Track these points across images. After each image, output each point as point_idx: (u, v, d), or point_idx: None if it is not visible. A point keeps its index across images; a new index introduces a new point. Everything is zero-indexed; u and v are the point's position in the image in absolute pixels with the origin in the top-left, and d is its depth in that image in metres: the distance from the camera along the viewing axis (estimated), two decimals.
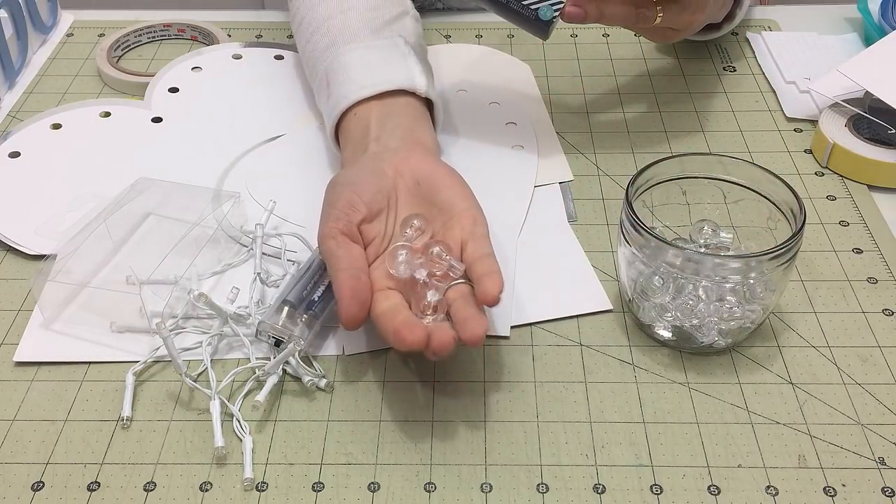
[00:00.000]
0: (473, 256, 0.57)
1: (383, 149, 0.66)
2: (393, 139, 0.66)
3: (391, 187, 0.63)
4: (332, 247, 0.58)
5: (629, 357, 0.61)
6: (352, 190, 0.61)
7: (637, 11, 0.70)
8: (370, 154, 0.66)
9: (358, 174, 0.63)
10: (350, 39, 0.72)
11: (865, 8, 0.90)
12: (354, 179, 0.63)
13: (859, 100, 0.78)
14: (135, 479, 0.54)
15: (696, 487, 0.53)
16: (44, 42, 0.94)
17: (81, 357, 0.61)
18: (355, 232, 0.60)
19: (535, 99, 0.84)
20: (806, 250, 0.68)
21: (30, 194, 0.73)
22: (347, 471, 0.54)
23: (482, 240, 0.59)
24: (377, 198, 0.62)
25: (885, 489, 0.53)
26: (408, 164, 0.64)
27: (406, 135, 0.67)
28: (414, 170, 0.63)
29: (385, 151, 0.65)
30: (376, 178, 0.63)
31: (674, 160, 0.62)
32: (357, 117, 0.69)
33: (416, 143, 0.67)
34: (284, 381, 0.59)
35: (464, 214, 0.60)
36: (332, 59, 0.72)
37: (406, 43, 0.73)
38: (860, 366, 0.60)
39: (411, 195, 0.63)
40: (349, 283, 0.56)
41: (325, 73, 0.73)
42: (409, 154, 0.65)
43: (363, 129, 0.68)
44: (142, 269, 0.63)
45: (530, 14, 0.68)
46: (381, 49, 0.72)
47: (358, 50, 0.72)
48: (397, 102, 0.69)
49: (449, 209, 0.61)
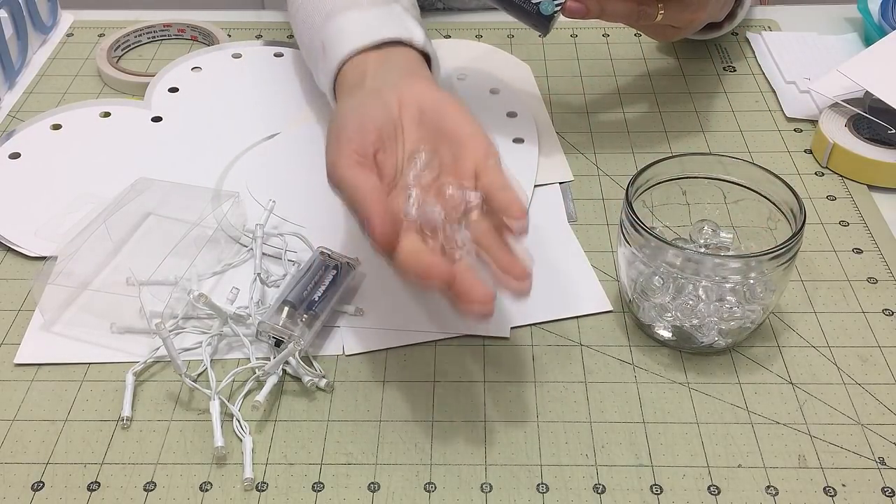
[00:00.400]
0: (490, 189, 0.55)
1: (382, 84, 0.63)
2: (391, 76, 0.64)
3: (397, 117, 0.60)
4: (349, 174, 0.55)
5: (629, 357, 0.61)
6: (359, 118, 0.58)
7: (639, 8, 0.69)
8: (369, 88, 0.63)
9: (361, 104, 0.61)
10: (345, 9, 0.70)
11: (865, 8, 0.90)
12: (359, 109, 0.60)
13: (859, 100, 0.78)
14: (135, 479, 0.54)
15: (696, 487, 0.53)
16: (44, 42, 0.94)
17: (82, 358, 0.61)
18: (370, 160, 0.57)
19: (535, 99, 0.84)
20: (806, 250, 0.68)
21: (30, 195, 0.73)
22: (347, 471, 0.54)
23: (495, 169, 0.56)
24: (386, 126, 0.59)
25: (885, 489, 0.53)
26: (411, 92, 0.61)
27: (404, 73, 0.65)
28: (418, 98, 0.61)
29: (384, 85, 0.63)
30: (380, 107, 0.60)
31: (674, 160, 0.62)
32: (354, 66, 0.67)
33: (415, 76, 0.64)
34: (284, 381, 0.59)
35: (474, 143, 0.58)
36: (327, 28, 0.70)
37: (403, 8, 0.71)
38: (860, 366, 0.60)
39: (417, 124, 0.60)
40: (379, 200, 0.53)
41: (321, 42, 0.71)
42: (410, 85, 0.62)
43: (360, 74, 0.66)
44: (142, 269, 0.63)
45: (531, 8, 0.68)
46: (378, 11, 0.70)
47: (353, 14, 0.70)
48: (394, 51, 0.67)
49: (457, 137, 0.58)
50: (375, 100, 0.60)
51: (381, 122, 0.58)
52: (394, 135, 0.59)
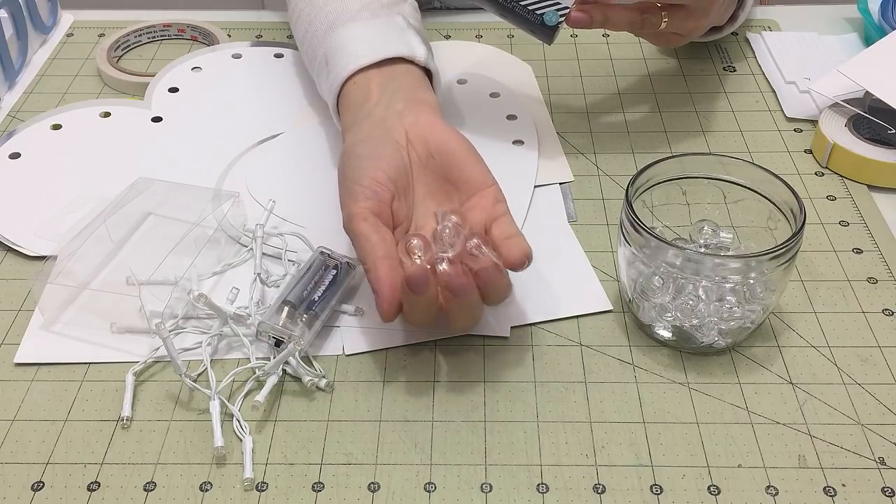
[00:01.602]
0: (500, 236, 0.57)
1: (387, 111, 0.64)
2: (396, 101, 0.65)
3: (408, 163, 0.61)
4: (365, 230, 0.56)
5: (629, 357, 0.61)
6: (375, 165, 0.59)
7: (642, 17, 0.70)
8: (375, 119, 0.64)
9: (374, 147, 0.61)
10: (348, 21, 0.71)
11: (865, 8, 0.90)
12: (373, 153, 0.61)
13: (859, 100, 0.78)
14: (135, 479, 0.54)
15: (696, 487, 0.53)
16: (44, 42, 0.94)
17: (82, 358, 0.61)
18: (387, 213, 0.57)
19: (535, 99, 0.84)
20: (806, 250, 0.68)
21: (30, 195, 0.73)
22: (347, 471, 0.54)
23: (505, 216, 0.58)
24: (401, 175, 0.60)
25: (885, 489, 0.53)
26: (417, 130, 0.62)
27: (409, 96, 0.66)
28: (425, 138, 0.62)
29: (389, 114, 0.64)
30: (393, 150, 0.61)
31: (674, 160, 0.62)
32: (357, 86, 0.68)
33: (420, 103, 0.65)
34: (284, 381, 0.59)
35: (483, 193, 0.59)
36: (330, 40, 0.71)
37: (405, 21, 0.72)
38: (860, 366, 0.60)
39: (426, 170, 0.61)
40: (391, 274, 0.54)
41: (324, 55, 0.72)
42: (416, 117, 0.63)
43: (364, 94, 0.67)
44: (142, 269, 0.63)
45: (535, 19, 0.68)
46: (380, 25, 0.71)
47: (357, 28, 0.71)
48: (397, 69, 0.68)
49: (466, 186, 0.60)
50: (388, 142, 0.62)
51: (396, 171, 0.60)
52: (407, 183, 0.61)
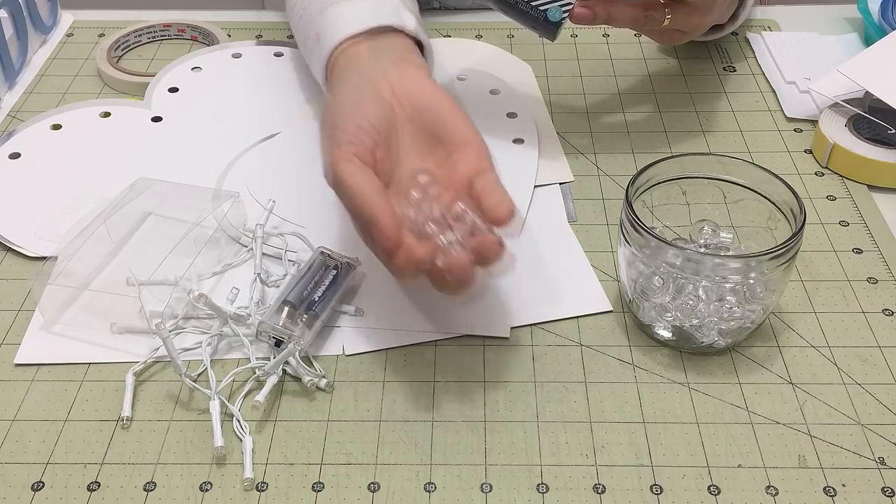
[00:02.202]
0: (483, 192, 0.55)
1: (372, 68, 0.63)
2: (383, 61, 0.64)
3: (392, 114, 0.60)
4: (351, 171, 0.54)
5: (629, 357, 0.61)
6: (358, 112, 0.58)
7: (646, 14, 0.70)
8: (361, 75, 0.63)
9: (359, 98, 0.60)
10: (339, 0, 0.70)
11: (865, 8, 0.90)
12: (357, 102, 0.59)
13: (859, 100, 0.78)
14: (135, 479, 0.54)
15: (696, 487, 0.53)
16: (44, 42, 0.94)
17: (82, 358, 0.61)
18: (370, 159, 0.56)
19: (535, 99, 0.84)
20: (806, 250, 0.68)
21: (30, 195, 0.73)
22: (347, 471, 0.54)
23: (489, 173, 0.56)
24: (384, 125, 0.58)
25: (885, 489, 0.53)
26: (403, 86, 0.61)
27: (397, 57, 0.64)
28: (411, 93, 0.60)
29: (375, 70, 0.62)
30: (378, 102, 0.60)
31: (674, 160, 0.62)
32: (346, 54, 0.66)
33: (407, 62, 0.64)
34: (284, 381, 0.59)
35: (469, 149, 0.58)
36: (322, 19, 0.70)
37: None
38: (860, 366, 0.60)
39: (412, 125, 0.60)
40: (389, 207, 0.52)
41: (315, 33, 0.70)
42: (402, 73, 0.62)
43: (352, 60, 0.65)
44: (142, 269, 0.63)
45: (539, 15, 0.68)
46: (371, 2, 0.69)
47: (348, 5, 0.69)
48: (386, 38, 0.67)
49: (450, 141, 0.58)
50: (372, 93, 0.60)
51: (379, 120, 0.58)
52: (390, 133, 0.59)
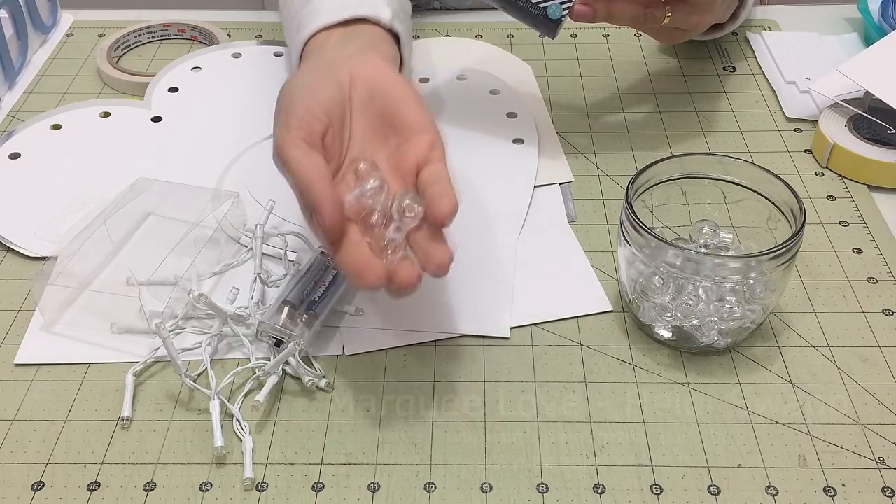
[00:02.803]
0: (428, 180, 0.55)
1: (335, 54, 0.62)
2: (348, 47, 0.63)
3: (347, 98, 0.59)
4: (297, 155, 0.54)
5: (629, 357, 0.61)
6: (310, 96, 0.57)
7: (645, 12, 0.69)
8: (322, 59, 0.62)
9: (314, 79, 0.59)
10: None
11: (865, 8, 0.90)
12: (310, 85, 0.59)
13: (859, 100, 0.78)
14: (135, 479, 0.54)
15: (696, 487, 0.53)
16: (44, 42, 0.94)
17: (82, 358, 0.61)
18: (318, 143, 0.56)
19: (535, 99, 0.84)
20: (806, 250, 0.68)
21: (30, 195, 0.73)
22: (347, 471, 0.54)
23: (438, 164, 0.56)
24: (336, 110, 0.58)
25: (885, 489, 0.53)
26: (362, 69, 0.60)
27: (363, 44, 0.64)
28: (369, 79, 0.60)
29: (338, 56, 0.62)
30: (332, 86, 0.59)
31: (674, 160, 0.62)
32: (317, 41, 0.66)
33: (372, 50, 0.63)
34: (284, 381, 0.59)
35: (419, 136, 0.57)
36: (304, 11, 0.70)
37: None
38: (860, 366, 0.60)
39: (365, 109, 0.59)
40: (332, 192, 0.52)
41: (297, 25, 0.70)
42: (363, 60, 0.61)
43: (321, 45, 0.65)
44: (142, 269, 0.63)
45: (539, 13, 0.67)
46: None
47: None
48: (359, 27, 0.66)
49: (405, 129, 0.58)
50: (328, 76, 0.59)
51: (331, 104, 0.58)
52: (343, 118, 0.58)
